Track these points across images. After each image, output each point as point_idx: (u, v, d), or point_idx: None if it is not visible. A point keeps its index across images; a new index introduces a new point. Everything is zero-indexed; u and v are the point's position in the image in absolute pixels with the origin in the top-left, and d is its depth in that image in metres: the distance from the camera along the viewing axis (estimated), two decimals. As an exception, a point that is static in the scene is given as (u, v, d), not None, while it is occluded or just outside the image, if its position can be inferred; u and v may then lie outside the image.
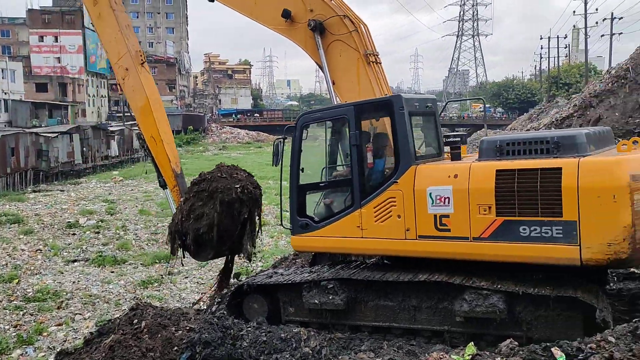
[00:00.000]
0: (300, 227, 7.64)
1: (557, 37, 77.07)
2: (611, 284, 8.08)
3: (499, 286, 6.27)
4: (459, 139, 7.34)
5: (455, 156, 7.10)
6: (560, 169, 5.98)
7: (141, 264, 17.08)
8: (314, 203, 7.85)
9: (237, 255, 9.78)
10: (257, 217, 9.37)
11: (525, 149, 6.41)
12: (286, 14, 8.58)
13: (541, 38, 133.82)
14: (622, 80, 19.19)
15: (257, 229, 9.42)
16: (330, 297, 7.04)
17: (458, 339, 6.56)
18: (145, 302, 9.17)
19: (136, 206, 27.25)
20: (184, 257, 9.68)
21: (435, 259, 6.87)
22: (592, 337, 4.72)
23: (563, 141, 6.23)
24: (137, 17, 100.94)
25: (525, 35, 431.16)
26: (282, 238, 18.58)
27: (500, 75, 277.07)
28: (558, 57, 78.96)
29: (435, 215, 6.63)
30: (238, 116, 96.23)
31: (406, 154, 6.88)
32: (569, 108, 20.54)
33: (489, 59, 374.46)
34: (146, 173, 30.05)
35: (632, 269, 8.48)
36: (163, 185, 10.03)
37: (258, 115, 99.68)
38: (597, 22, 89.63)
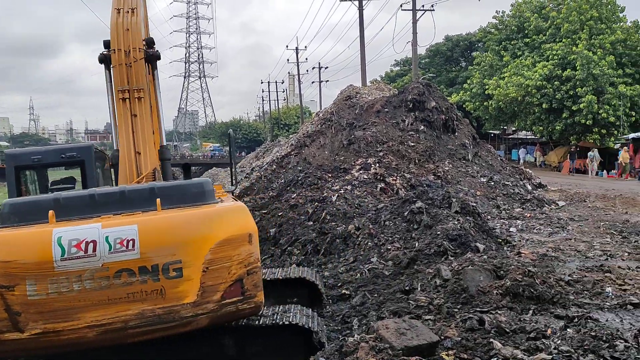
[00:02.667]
0: None
1: (276, 82, 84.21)
2: (327, 307, 8.94)
3: (226, 323, 6.37)
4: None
5: None
6: None
7: None
8: None
9: None
10: None
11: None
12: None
13: (262, 82, 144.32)
14: (329, 122, 21.77)
15: None
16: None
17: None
18: None
19: None
20: None
21: None
22: (307, 360, 5.10)
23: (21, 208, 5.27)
24: None
25: (249, 79, 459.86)
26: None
27: (228, 116, 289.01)
28: (277, 100, 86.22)
29: None
30: None
31: None
32: (287, 147, 22.44)
33: (217, 100, 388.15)
34: None
35: (344, 291, 9.59)
36: None
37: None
38: (307, 70, 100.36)
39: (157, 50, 7.92)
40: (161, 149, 7.69)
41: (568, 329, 6.03)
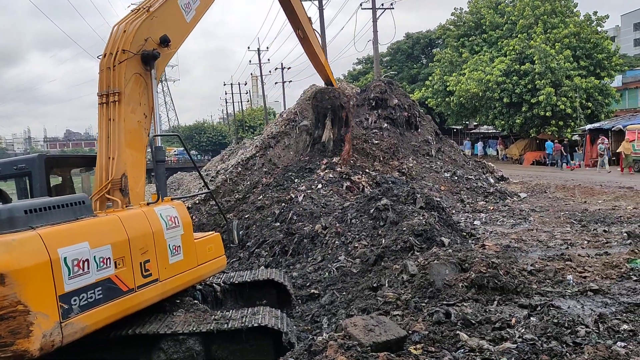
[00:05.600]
0: None
1: (239, 84, 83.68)
2: (296, 307, 8.95)
3: (194, 328, 6.31)
4: None
5: None
6: None
7: None
8: None
9: None
10: None
11: None
12: None
13: (224, 84, 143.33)
14: (293, 123, 21.73)
15: None
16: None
17: (160, 391, 6.34)
18: None
19: None
20: None
21: None
22: (276, 362, 5.10)
23: None
24: None
25: (213, 83, 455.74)
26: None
27: (192, 119, 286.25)
28: (241, 102, 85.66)
29: None
30: None
31: None
32: (252, 149, 22.31)
33: (181, 104, 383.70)
34: None
35: (313, 291, 9.61)
36: None
37: None
38: (270, 71, 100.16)
39: (155, 50, 7.61)
40: (155, 151, 7.51)
41: (532, 318, 6.17)
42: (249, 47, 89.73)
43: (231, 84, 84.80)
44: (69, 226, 5.29)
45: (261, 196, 16.25)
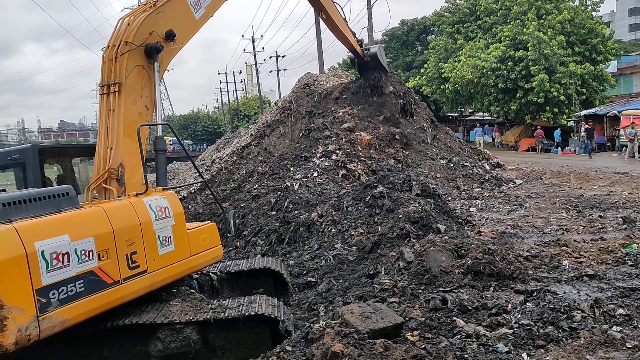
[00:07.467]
0: None
1: (233, 73, 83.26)
2: (293, 295, 8.97)
3: (191, 317, 6.30)
4: None
5: None
6: None
7: None
8: None
9: None
10: None
11: None
12: None
13: (219, 73, 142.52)
14: (288, 111, 21.65)
15: None
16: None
17: (157, 380, 6.35)
18: None
19: None
20: None
21: None
22: (274, 350, 5.10)
23: None
24: None
25: (207, 73, 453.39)
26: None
27: (186, 109, 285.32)
28: (236, 90, 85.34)
29: None
30: None
31: None
32: (247, 138, 22.22)
33: (175, 95, 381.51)
34: None
35: (309, 279, 9.62)
36: None
37: None
38: (265, 60, 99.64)
39: (159, 43, 7.65)
40: (155, 140, 7.54)
41: (528, 303, 6.20)
42: (243, 36, 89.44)
43: (225, 73, 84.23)
44: (48, 219, 5.19)
45: (257, 185, 16.21)
